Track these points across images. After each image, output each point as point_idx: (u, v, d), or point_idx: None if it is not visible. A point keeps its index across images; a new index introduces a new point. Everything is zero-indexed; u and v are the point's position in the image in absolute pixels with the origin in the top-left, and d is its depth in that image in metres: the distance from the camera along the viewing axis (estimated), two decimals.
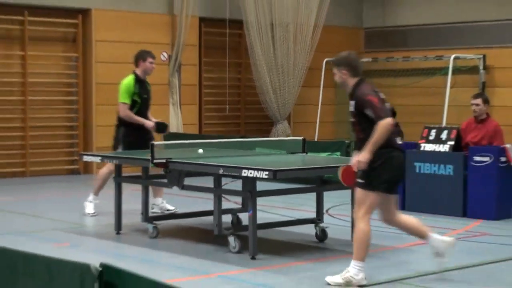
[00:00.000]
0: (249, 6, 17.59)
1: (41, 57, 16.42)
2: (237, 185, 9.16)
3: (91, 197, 11.14)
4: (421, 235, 7.55)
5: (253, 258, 8.15)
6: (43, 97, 16.40)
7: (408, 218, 7.53)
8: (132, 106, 10.80)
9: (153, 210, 11.07)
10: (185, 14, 17.23)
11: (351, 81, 7.32)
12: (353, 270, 7.16)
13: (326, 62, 19.40)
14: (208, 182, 9.92)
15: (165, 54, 17.56)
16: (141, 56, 10.85)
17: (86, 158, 10.25)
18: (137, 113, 10.79)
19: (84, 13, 16.71)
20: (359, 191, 7.15)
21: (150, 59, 10.78)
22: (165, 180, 9.24)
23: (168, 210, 11.17)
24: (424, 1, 19.52)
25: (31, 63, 16.21)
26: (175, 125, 17.35)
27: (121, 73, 16.79)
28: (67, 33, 16.85)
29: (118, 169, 9.81)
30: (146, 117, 10.93)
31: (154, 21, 17.40)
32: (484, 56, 18.14)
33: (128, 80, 10.80)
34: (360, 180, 7.11)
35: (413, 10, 19.73)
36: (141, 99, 10.81)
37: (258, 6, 17.65)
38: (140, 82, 10.83)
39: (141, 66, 10.80)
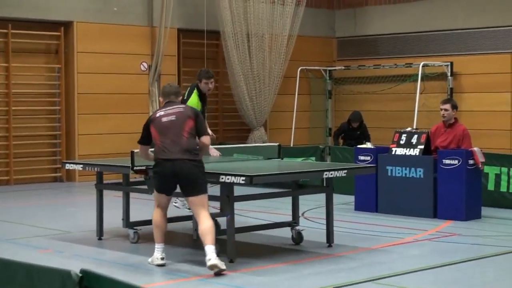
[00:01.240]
0: (226, 18, 17.54)
1: (24, 68, 16.28)
2: (216, 190, 9.08)
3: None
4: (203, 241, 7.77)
5: (231, 261, 8.07)
6: (26, 107, 16.26)
7: (203, 222, 7.74)
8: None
9: (176, 204, 11.00)
10: (164, 25, 17.15)
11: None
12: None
13: (301, 70, 19.42)
14: None
15: (145, 64, 17.47)
16: (198, 77, 10.65)
17: (68, 166, 10.13)
18: None
19: (66, 25, 16.59)
20: None
21: (204, 80, 10.59)
22: (145, 187, 9.15)
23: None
24: (393, 11, 19.56)
25: (15, 74, 16.07)
26: None
27: (102, 83, 16.83)
28: (49, 45, 16.72)
29: (99, 176, 9.70)
30: None
31: (134, 33, 17.31)
32: (452, 63, 18.19)
33: (193, 100, 10.52)
34: None
35: (383, 20, 19.76)
36: (203, 112, 10.64)
37: (234, 17, 17.61)
38: (202, 95, 10.59)
39: (200, 85, 10.59)
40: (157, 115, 7.99)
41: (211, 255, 7.55)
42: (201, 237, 7.71)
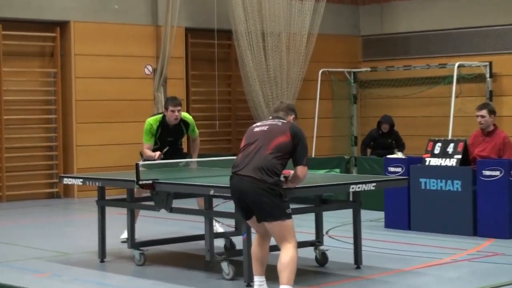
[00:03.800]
0: (239, 15, 17.55)
1: (17, 73, 16.34)
2: (230, 206, 9.08)
3: None
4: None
5: (248, 285, 8.07)
6: (19, 115, 16.31)
7: (280, 254, 7.36)
8: (155, 144, 10.90)
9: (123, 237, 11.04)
10: (170, 24, 17.19)
11: None
12: None
13: (322, 72, 19.41)
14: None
15: (149, 67, 17.52)
16: (164, 104, 10.94)
17: (66, 181, 10.15)
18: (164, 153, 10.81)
19: (62, 26, 16.66)
20: None
21: (171, 107, 10.74)
22: (152, 203, 9.17)
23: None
24: (424, 6, 19.53)
25: (6, 80, 16.14)
26: None
27: (102, 89, 16.88)
28: (44, 47, 16.79)
29: (101, 191, 9.72)
30: (179, 155, 10.94)
31: (137, 33, 17.36)
32: (491, 63, 18.14)
33: (151, 121, 10.83)
34: None
35: (414, 15, 19.74)
36: (161, 141, 10.80)
37: (248, 15, 17.62)
38: (165, 126, 10.78)
39: (166, 114, 10.77)
40: (254, 125, 7.66)
41: None
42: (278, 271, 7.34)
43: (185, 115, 11.06)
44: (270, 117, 7.68)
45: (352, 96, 20.50)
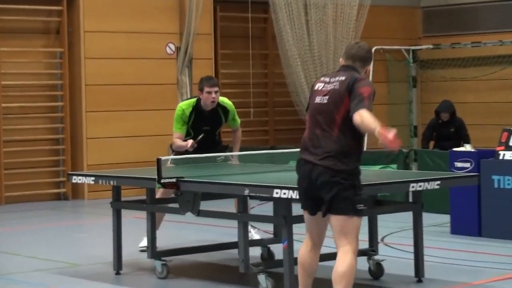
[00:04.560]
0: None
1: (17, 54, 16.44)
2: (268, 208, 9.09)
3: None
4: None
5: None
6: (20, 103, 16.41)
7: (337, 260, 7.14)
8: (187, 135, 10.86)
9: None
10: None
11: None
12: None
13: (376, 50, 19.35)
14: (231, 206, 9.85)
15: (172, 46, 17.57)
16: (199, 85, 10.81)
17: (75, 179, 10.19)
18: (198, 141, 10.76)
19: None
20: None
21: (206, 88, 10.67)
22: (176, 205, 9.21)
23: None
24: None
25: (5, 62, 16.24)
26: None
27: (116, 71, 16.93)
28: (49, 23, 16.88)
29: (116, 192, 9.76)
30: (217, 148, 10.96)
31: (158, 6, 17.41)
32: None
33: (183, 106, 10.80)
34: None
35: None
36: (195, 130, 10.77)
37: None
38: (199, 112, 10.77)
39: (202, 97, 10.74)
40: (316, 86, 7.32)
41: None
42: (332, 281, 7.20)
43: (223, 100, 10.97)
44: (343, 61, 7.31)
45: (411, 78, 20.44)
